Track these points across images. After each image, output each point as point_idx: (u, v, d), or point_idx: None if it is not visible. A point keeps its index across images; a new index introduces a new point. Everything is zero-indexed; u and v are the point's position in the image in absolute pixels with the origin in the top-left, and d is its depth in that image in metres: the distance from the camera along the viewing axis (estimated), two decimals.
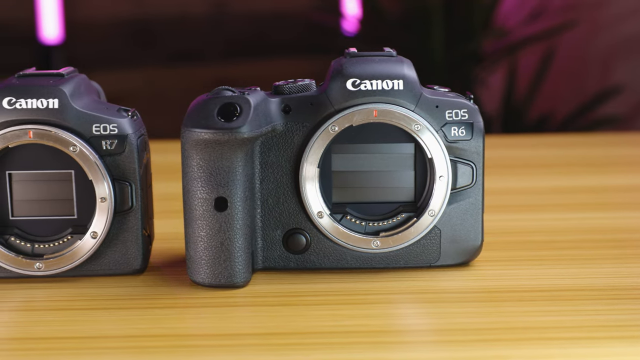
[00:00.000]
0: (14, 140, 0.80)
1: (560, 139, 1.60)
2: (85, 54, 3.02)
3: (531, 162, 1.31)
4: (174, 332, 0.73)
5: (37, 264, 0.82)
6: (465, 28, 2.79)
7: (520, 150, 1.40)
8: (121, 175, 0.82)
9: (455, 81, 2.78)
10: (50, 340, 0.71)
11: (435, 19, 2.76)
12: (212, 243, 0.80)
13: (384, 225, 0.84)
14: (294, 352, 0.69)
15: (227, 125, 0.79)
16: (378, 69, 0.82)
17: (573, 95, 2.92)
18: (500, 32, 2.84)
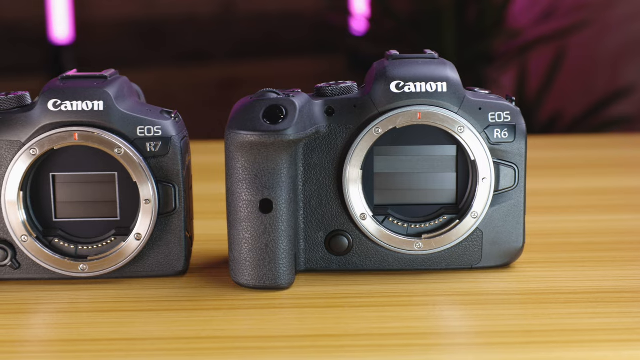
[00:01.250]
0: (60, 142, 0.81)
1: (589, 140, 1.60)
2: (95, 54, 3.02)
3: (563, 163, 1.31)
4: (223, 334, 0.73)
5: (81, 266, 0.82)
6: (476, 28, 2.80)
7: (550, 151, 1.41)
8: (165, 177, 0.82)
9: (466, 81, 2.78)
10: (101, 342, 0.72)
11: (447, 19, 2.76)
12: (257, 245, 0.80)
13: (426, 227, 0.84)
14: (345, 354, 0.69)
15: (273, 128, 0.79)
16: (421, 71, 0.82)
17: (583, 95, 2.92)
18: (512, 32, 2.84)
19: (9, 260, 0.83)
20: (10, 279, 0.83)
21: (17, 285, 0.83)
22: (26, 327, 0.76)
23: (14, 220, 0.81)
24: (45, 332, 0.75)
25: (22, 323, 0.76)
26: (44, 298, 0.80)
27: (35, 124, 0.81)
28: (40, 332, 0.75)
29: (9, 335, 0.73)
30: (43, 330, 0.75)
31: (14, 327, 0.75)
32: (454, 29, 2.78)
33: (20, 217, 0.81)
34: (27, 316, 0.78)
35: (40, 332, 0.75)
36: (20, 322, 0.77)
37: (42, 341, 0.73)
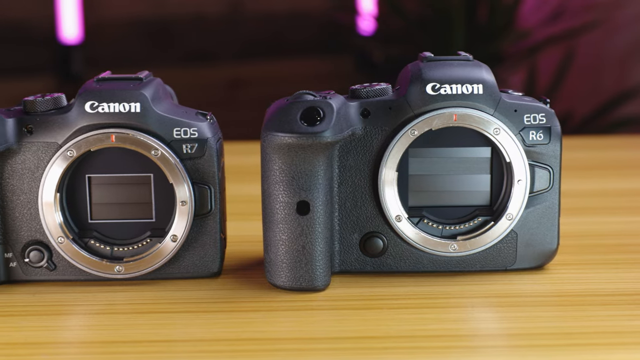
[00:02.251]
0: (97, 144, 0.81)
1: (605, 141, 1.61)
2: (103, 54, 3.02)
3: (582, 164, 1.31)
4: (263, 336, 0.73)
5: (117, 267, 0.82)
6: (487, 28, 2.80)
7: (569, 152, 1.41)
8: (200, 179, 0.82)
9: None
10: (142, 344, 0.72)
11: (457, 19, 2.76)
12: (294, 247, 0.81)
13: (461, 228, 0.84)
14: (388, 356, 0.69)
15: (311, 130, 0.79)
16: (457, 73, 0.82)
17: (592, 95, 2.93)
18: (522, 33, 2.84)
19: (45, 261, 0.83)
20: (46, 281, 0.84)
21: (53, 286, 0.83)
22: (65, 329, 0.76)
23: (50, 221, 0.81)
24: (85, 334, 0.75)
25: (60, 324, 0.77)
26: (80, 299, 0.80)
27: (72, 126, 0.81)
28: (80, 334, 0.75)
29: (47, 337, 0.74)
30: (83, 332, 0.75)
31: (52, 328, 0.76)
32: (464, 29, 2.78)
33: (56, 219, 0.81)
34: (66, 317, 0.78)
35: (79, 333, 0.75)
36: (59, 323, 0.77)
37: (82, 343, 0.73)
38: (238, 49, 3.19)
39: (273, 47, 3.23)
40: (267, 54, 3.20)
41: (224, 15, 3.16)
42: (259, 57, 3.19)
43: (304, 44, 3.28)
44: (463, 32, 2.80)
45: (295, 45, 3.26)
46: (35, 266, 0.83)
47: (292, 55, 3.24)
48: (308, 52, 3.27)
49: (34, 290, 0.82)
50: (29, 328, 0.75)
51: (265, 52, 3.21)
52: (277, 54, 3.22)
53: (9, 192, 0.82)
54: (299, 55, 3.25)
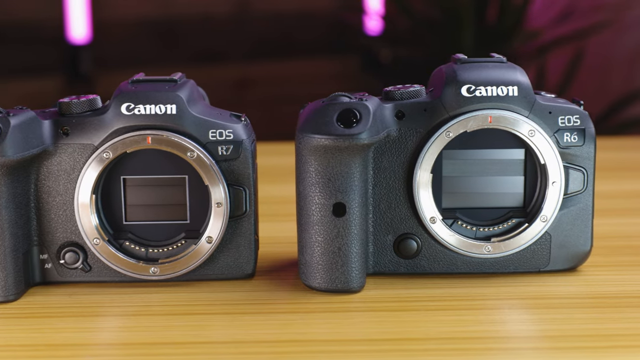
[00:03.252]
0: (133, 145, 0.81)
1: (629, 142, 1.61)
2: (112, 54, 3.02)
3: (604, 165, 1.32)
4: (303, 338, 0.73)
5: (153, 269, 0.82)
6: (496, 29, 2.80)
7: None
8: (235, 181, 0.83)
9: None
10: (183, 345, 0.72)
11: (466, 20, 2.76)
12: (330, 248, 0.81)
13: (495, 230, 0.84)
14: (430, 357, 0.69)
15: (348, 132, 0.79)
16: (492, 75, 0.82)
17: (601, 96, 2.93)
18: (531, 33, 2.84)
19: (80, 263, 0.83)
20: (81, 282, 0.84)
21: (88, 287, 0.83)
22: (104, 330, 0.76)
23: (86, 223, 0.82)
24: (125, 335, 0.75)
25: (99, 326, 0.77)
26: (117, 301, 0.81)
27: (108, 128, 0.81)
28: (120, 335, 0.75)
29: (87, 339, 0.74)
30: (123, 333, 0.75)
31: (91, 330, 0.76)
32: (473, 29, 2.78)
33: (92, 221, 0.82)
34: (103, 319, 0.78)
35: (119, 335, 0.75)
36: (97, 324, 0.77)
37: (123, 344, 0.73)
38: (246, 49, 3.19)
39: (281, 47, 3.23)
40: (274, 54, 3.20)
41: (232, 15, 3.16)
42: (267, 57, 3.19)
43: (311, 44, 3.28)
44: (472, 32, 2.80)
45: (302, 45, 3.26)
46: (71, 267, 0.83)
47: (300, 55, 3.24)
48: (315, 52, 3.27)
49: (69, 292, 0.82)
50: (69, 329, 0.75)
51: (272, 52, 3.21)
52: (285, 53, 3.22)
53: (44, 194, 0.82)
54: (307, 55, 3.25)
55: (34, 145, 0.80)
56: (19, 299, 0.80)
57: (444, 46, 2.90)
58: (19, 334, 0.74)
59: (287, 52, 3.22)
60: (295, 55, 3.23)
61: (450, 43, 2.86)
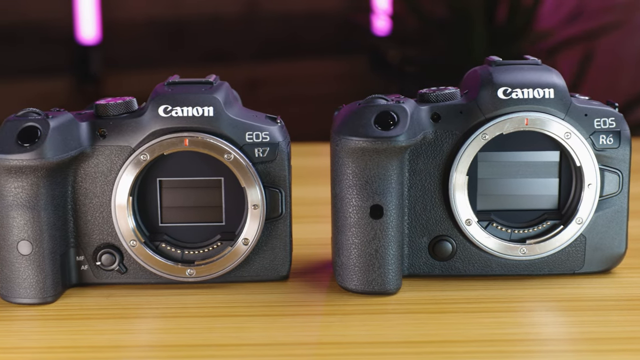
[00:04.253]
0: (170, 148, 0.81)
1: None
2: (121, 55, 3.03)
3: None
4: (344, 340, 0.73)
5: (189, 270, 0.83)
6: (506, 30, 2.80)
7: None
8: (271, 183, 0.83)
9: None
10: (227, 347, 0.72)
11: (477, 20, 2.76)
12: (367, 250, 0.81)
13: (530, 232, 0.84)
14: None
15: (386, 134, 0.79)
16: (528, 78, 0.82)
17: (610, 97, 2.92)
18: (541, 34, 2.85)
19: (116, 264, 0.83)
20: (116, 284, 0.84)
21: (124, 289, 0.83)
22: (145, 332, 0.76)
23: (123, 225, 0.82)
24: (167, 337, 0.75)
25: (139, 327, 0.77)
26: (154, 302, 0.81)
27: (146, 130, 0.81)
28: (162, 337, 0.75)
29: (129, 340, 0.74)
30: (164, 335, 0.75)
31: (132, 331, 0.76)
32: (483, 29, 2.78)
33: (129, 222, 0.82)
34: (143, 320, 0.78)
35: (161, 336, 0.75)
36: (137, 326, 0.77)
37: (166, 346, 0.73)
38: (254, 49, 3.19)
39: (289, 47, 3.23)
40: (283, 54, 3.21)
41: (241, 15, 3.16)
42: (275, 57, 3.19)
43: (319, 44, 3.28)
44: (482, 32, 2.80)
45: (310, 45, 3.26)
46: (107, 269, 0.83)
47: (308, 55, 3.24)
48: (323, 53, 3.28)
49: (106, 293, 0.82)
50: (109, 331, 0.75)
51: (281, 52, 3.21)
52: (293, 54, 3.22)
53: (81, 196, 0.82)
54: (315, 55, 3.25)
55: (72, 148, 0.80)
56: (56, 301, 0.81)
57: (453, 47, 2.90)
58: (60, 336, 0.74)
59: (295, 52, 3.23)
60: (303, 55, 3.23)
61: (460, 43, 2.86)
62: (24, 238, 0.79)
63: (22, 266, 0.79)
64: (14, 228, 0.79)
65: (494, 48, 2.80)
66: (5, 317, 0.78)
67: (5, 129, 0.79)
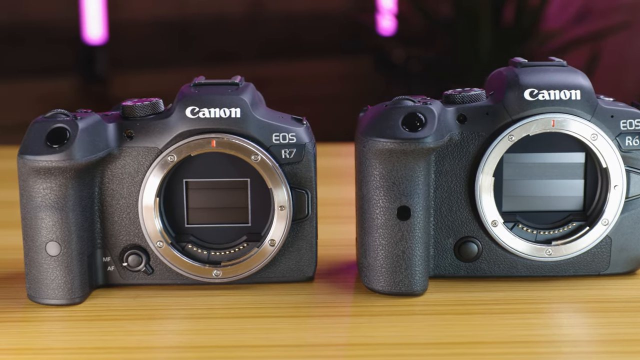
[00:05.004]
0: (197, 149, 0.81)
1: None
2: (127, 55, 3.03)
3: None
4: (374, 341, 0.73)
5: (215, 271, 0.83)
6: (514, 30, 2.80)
7: None
8: (298, 184, 0.83)
9: None
10: (258, 348, 0.72)
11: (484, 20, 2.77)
12: (394, 251, 0.81)
13: (555, 233, 0.85)
14: None
15: (414, 135, 0.79)
16: (555, 79, 0.82)
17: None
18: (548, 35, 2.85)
19: (143, 265, 0.83)
20: (142, 284, 0.84)
21: (151, 290, 0.83)
22: (176, 333, 0.76)
23: (150, 226, 0.82)
24: (194, 338, 0.75)
25: (169, 328, 0.77)
26: (181, 303, 0.81)
27: (173, 131, 0.81)
28: (194, 338, 0.75)
29: (160, 341, 0.74)
30: (193, 336, 0.75)
31: (162, 332, 0.76)
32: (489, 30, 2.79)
33: (156, 223, 0.82)
34: (172, 322, 0.78)
35: (192, 337, 0.75)
36: (167, 327, 0.77)
37: (194, 347, 0.73)
38: (259, 49, 3.19)
39: (293, 47, 3.24)
40: (287, 54, 3.21)
41: (245, 15, 3.16)
42: (280, 57, 3.20)
43: (324, 44, 3.28)
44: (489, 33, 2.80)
45: (315, 45, 3.26)
46: (133, 270, 0.83)
47: (312, 55, 3.25)
48: (328, 53, 3.28)
49: (133, 294, 0.82)
50: (140, 332, 0.75)
51: (285, 53, 3.21)
52: (297, 54, 3.23)
53: (108, 197, 0.82)
54: (319, 55, 3.26)
55: (100, 149, 0.80)
56: (83, 302, 0.81)
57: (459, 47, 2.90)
58: (90, 337, 0.74)
59: (299, 53, 3.23)
60: (307, 55, 3.23)
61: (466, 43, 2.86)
62: (52, 239, 0.79)
63: (51, 267, 0.79)
64: (42, 229, 0.79)
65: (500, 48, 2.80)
66: (34, 318, 0.78)
67: (34, 130, 0.79)
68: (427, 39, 3.09)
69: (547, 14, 2.91)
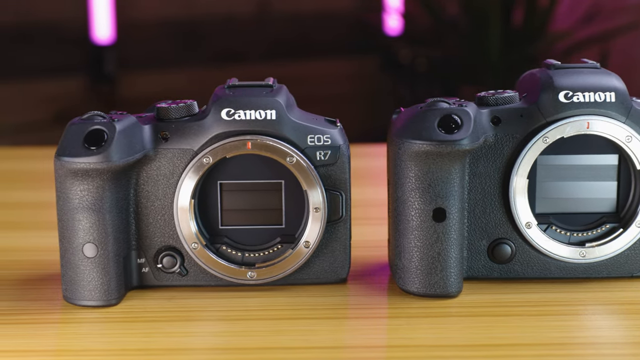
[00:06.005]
0: (233, 151, 0.81)
1: None
2: (135, 55, 3.03)
3: None
4: (413, 343, 0.73)
5: (250, 273, 0.83)
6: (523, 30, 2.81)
7: None
8: (332, 185, 0.83)
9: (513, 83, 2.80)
10: (297, 350, 0.72)
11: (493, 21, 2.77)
12: (429, 253, 0.81)
13: (589, 235, 0.85)
14: None
15: (450, 138, 0.79)
16: (589, 81, 0.83)
17: None
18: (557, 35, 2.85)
19: (177, 267, 0.83)
20: (177, 286, 0.84)
21: (185, 292, 0.83)
22: (216, 335, 0.76)
23: (185, 227, 0.82)
24: (235, 340, 0.75)
25: (208, 330, 0.77)
26: (217, 305, 0.81)
27: (208, 133, 0.81)
28: (231, 340, 0.75)
29: (199, 343, 0.74)
30: (233, 338, 0.75)
31: (202, 334, 0.76)
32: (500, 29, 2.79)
33: (192, 225, 0.82)
34: (209, 323, 0.78)
35: (230, 339, 0.75)
36: (206, 329, 0.77)
37: (237, 349, 0.73)
38: (266, 49, 3.19)
39: (301, 47, 3.24)
40: (294, 54, 3.21)
41: (253, 15, 3.16)
42: (287, 57, 3.20)
43: (331, 44, 3.28)
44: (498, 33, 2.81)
45: (322, 45, 3.27)
46: (168, 272, 0.83)
47: (320, 55, 3.25)
48: (335, 53, 3.28)
49: (168, 296, 0.82)
50: (179, 334, 0.75)
51: (293, 53, 3.21)
52: (305, 54, 3.23)
53: (143, 199, 0.82)
54: (327, 55, 3.26)
55: (137, 150, 0.80)
56: (119, 303, 0.81)
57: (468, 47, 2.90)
58: (130, 338, 0.74)
59: (308, 53, 3.23)
60: (314, 55, 3.24)
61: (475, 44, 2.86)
62: (89, 241, 0.79)
63: (87, 269, 0.79)
64: (79, 231, 0.79)
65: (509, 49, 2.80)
66: (71, 320, 0.78)
67: (71, 132, 0.79)
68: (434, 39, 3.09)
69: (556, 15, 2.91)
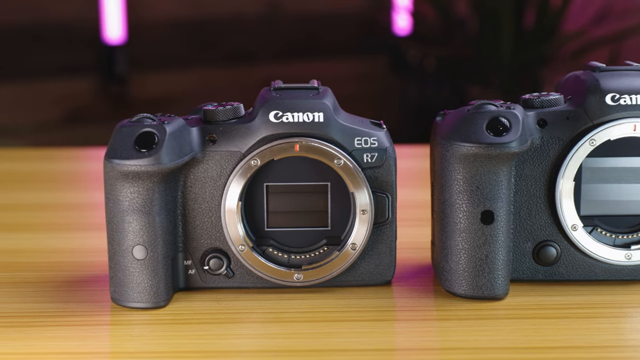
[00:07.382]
0: (280, 153, 0.81)
1: None
2: (146, 55, 3.03)
3: None
4: (466, 345, 0.74)
5: (296, 275, 0.83)
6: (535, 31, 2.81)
7: None
8: (379, 188, 0.83)
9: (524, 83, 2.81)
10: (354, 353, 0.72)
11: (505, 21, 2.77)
12: (477, 255, 0.81)
13: (634, 237, 0.85)
14: None
15: (498, 140, 0.80)
16: (636, 84, 0.83)
17: None
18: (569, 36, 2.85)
19: (224, 269, 0.83)
20: (223, 288, 0.84)
21: (232, 293, 0.83)
22: (268, 337, 0.76)
23: (232, 230, 0.82)
24: (289, 342, 0.75)
25: (260, 332, 0.77)
26: (265, 307, 0.81)
27: (256, 135, 0.81)
28: (285, 342, 0.75)
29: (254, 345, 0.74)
30: (287, 340, 0.75)
31: (254, 336, 0.76)
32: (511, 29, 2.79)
33: (239, 227, 0.82)
34: (261, 325, 0.78)
35: (283, 341, 0.75)
36: (257, 331, 0.77)
37: (291, 351, 0.73)
38: (276, 49, 3.19)
39: (310, 47, 3.24)
40: (304, 54, 3.21)
41: (263, 16, 3.16)
42: (297, 57, 3.20)
43: (341, 44, 3.29)
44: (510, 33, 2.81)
45: (331, 45, 3.27)
46: (214, 273, 0.83)
47: (330, 55, 3.25)
48: (345, 52, 3.28)
49: (215, 298, 0.82)
50: (232, 336, 0.75)
51: (302, 52, 3.21)
52: (315, 54, 3.23)
53: (191, 201, 0.82)
54: (336, 55, 3.26)
55: (186, 153, 0.80)
56: (167, 305, 0.81)
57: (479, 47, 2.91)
58: (183, 340, 0.74)
59: (318, 52, 3.23)
60: (323, 55, 3.24)
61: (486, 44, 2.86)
62: (139, 243, 0.79)
63: (137, 270, 0.80)
64: (129, 233, 0.79)
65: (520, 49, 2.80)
66: (122, 322, 0.78)
67: (122, 134, 0.79)
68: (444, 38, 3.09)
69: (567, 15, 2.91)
